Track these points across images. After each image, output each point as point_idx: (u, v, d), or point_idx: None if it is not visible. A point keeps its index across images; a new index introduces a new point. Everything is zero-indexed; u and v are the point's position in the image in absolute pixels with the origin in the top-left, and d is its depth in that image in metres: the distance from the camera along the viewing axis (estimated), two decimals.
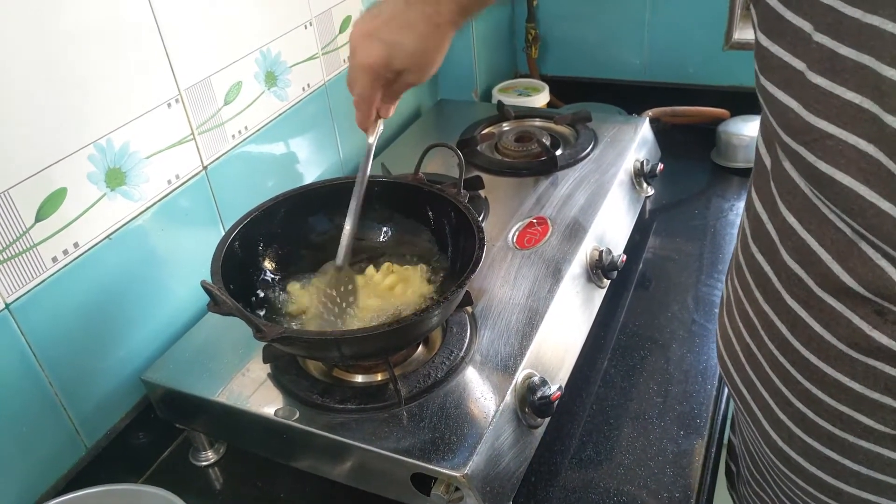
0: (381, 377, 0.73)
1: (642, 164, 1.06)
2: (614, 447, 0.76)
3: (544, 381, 0.70)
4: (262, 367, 0.74)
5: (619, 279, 0.93)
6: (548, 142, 1.09)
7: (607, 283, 0.91)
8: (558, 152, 1.08)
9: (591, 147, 1.08)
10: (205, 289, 0.61)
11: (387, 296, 0.76)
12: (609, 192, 0.96)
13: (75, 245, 0.70)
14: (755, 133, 1.18)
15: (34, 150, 0.65)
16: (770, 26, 0.44)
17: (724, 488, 0.82)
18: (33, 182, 0.65)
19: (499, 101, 1.24)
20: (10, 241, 0.64)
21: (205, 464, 0.80)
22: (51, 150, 0.66)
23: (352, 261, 0.76)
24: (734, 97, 1.30)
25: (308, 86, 1.01)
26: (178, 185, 0.81)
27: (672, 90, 1.39)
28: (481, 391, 0.69)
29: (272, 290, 0.78)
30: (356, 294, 0.76)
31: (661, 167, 1.09)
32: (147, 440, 0.81)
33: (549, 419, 0.72)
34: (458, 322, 0.76)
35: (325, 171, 1.09)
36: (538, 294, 0.79)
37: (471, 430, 0.64)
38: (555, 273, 0.82)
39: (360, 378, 0.74)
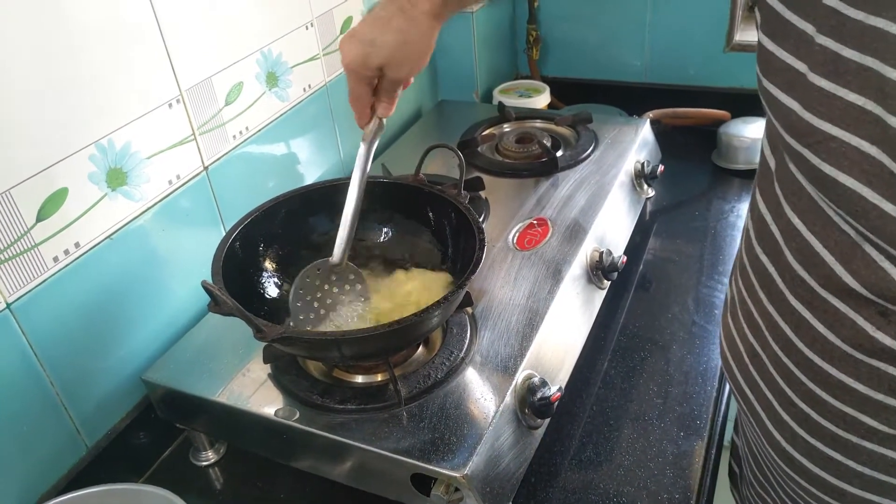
0: (381, 377, 0.73)
1: (643, 165, 1.06)
2: (614, 448, 0.76)
3: (544, 382, 0.70)
4: (263, 367, 0.74)
5: (620, 280, 0.93)
6: (548, 143, 1.09)
7: (607, 284, 0.91)
8: (559, 153, 1.07)
9: (591, 148, 1.08)
10: (205, 289, 0.61)
11: (403, 301, 0.76)
12: (610, 194, 0.96)
13: (76, 245, 0.70)
14: (756, 135, 1.20)
15: (35, 150, 0.65)
16: (773, 28, 0.44)
17: (724, 490, 0.82)
18: (34, 182, 0.65)
19: (500, 103, 1.25)
20: (12, 240, 0.64)
21: (205, 464, 0.80)
22: (52, 150, 0.66)
23: (365, 263, 0.75)
24: (735, 99, 1.30)
25: (309, 86, 1.01)
26: (179, 185, 0.81)
27: (673, 92, 1.39)
28: (481, 392, 0.69)
29: (272, 290, 0.78)
30: (367, 293, 0.75)
31: (661, 169, 1.09)
32: (147, 440, 0.81)
33: (548, 420, 0.72)
34: (458, 323, 0.76)
35: (326, 172, 1.09)
36: (538, 295, 0.79)
37: (471, 430, 0.64)
38: (555, 274, 0.82)
39: (360, 378, 0.74)
